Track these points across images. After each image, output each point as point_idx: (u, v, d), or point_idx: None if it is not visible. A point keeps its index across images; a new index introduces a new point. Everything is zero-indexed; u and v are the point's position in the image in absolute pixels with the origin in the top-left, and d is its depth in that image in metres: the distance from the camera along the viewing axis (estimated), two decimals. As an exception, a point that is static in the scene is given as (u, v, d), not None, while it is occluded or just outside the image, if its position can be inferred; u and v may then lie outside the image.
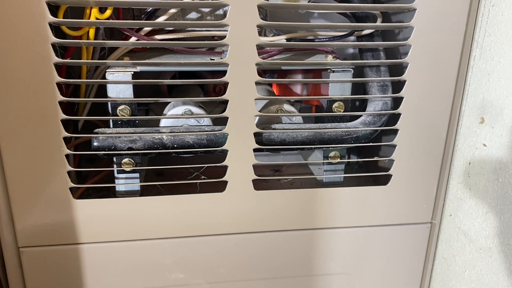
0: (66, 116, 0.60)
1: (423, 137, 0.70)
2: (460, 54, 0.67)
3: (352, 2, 0.69)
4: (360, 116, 0.72)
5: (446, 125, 0.70)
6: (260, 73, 0.88)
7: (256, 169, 0.67)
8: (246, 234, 0.72)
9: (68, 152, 0.62)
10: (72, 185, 0.63)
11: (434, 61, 0.66)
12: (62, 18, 0.59)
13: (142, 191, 0.71)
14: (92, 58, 0.66)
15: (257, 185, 0.68)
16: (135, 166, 0.68)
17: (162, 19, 0.66)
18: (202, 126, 0.68)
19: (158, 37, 0.67)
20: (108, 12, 0.61)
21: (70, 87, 0.68)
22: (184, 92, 0.82)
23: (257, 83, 0.63)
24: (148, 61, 0.65)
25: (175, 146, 0.65)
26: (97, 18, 0.61)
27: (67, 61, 0.59)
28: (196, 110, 0.69)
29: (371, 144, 0.71)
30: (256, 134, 0.66)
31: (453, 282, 0.75)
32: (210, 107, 0.77)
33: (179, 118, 0.68)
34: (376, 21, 0.71)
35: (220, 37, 0.67)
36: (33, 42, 0.56)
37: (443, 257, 0.77)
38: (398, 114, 0.69)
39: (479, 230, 0.68)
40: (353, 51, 0.88)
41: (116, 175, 0.69)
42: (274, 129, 0.68)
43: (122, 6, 0.63)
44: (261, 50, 0.68)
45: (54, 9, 0.58)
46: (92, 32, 0.63)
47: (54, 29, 0.58)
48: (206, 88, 0.87)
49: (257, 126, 0.67)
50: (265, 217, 0.71)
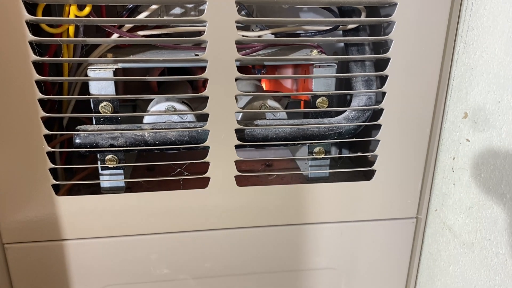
0: (46, 114, 0.60)
1: (407, 132, 0.70)
2: (443, 49, 0.66)
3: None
4: (344, 111, 0.71)
5: (430, 120, 0.70)
6: (249, 68, 0.88)
7: (245, 163, 0.67)
8: (230, 230, 0.72)
9: (49, 149, 0.62)
10: (54, 182, 0.64)
11: (417, 55, 0.66)
12: (42, 15, 0.59)
13: (132, 186, 0.72)
14: (74, 55, 0.66)
15: (243, 180, 0.68)
16: (119, 163, 0.68)
17: (143, 15, 0.66)
18: (185, 122, 0.68)
19: (141, 33, 0.67)
20: (87, 9, 0.61)
21: (55, 85, 0.68)
22: (172, 87, 0.82)
23: (238, 79, 0.63)
24: (128, 58, 0.65)
25: (157, 142, 0.65)
26: (76, 16, 0.61)
27: (45, 59, 0.59)
28: (179, 107, 0.69)
29: (354, 139, 0.71)
30: (237, 131, 0.66)
31: (438, 276, 0.75)
32: (195, 103, 0.77)
33: (163, 115, 0.69)
34: (361, 15, 0.70)
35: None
36: (10, 41, 0.56)
37: (429, 251, 0.77)
38: (381, 109, 0.68)
39: (463, 225, 0.68)
40: (342, 44, 0.88)
41: (100, 172, 0.70)
42: (256, 125, 0.68)
43: (100, 3, 0.63)
44: (244, 45, 0.68)
45: (32, 7, 0.58)
46: (72, 29, 0.63)
47: (34, 27, 0.58)
48: (195, 83, 0.87)
49: (240, 121, 0.67)
50: (248, 212, 0.71)
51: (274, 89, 0.92)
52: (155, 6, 0.66)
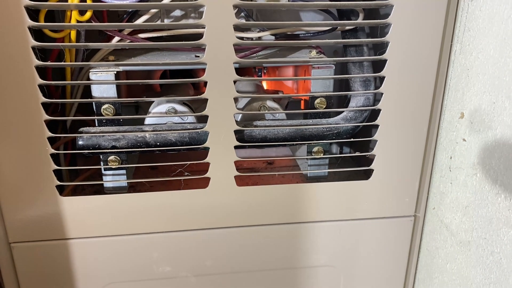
0: (50, 116, 0.62)
1: (405, 131, 0.71)
2: (439, 49, 0.67)
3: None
4: (342, 111, 0.72)
5: (427, 119, 0.71)
6: (249, 70, 0.89)
7: (248, 162, 0.68)
8: (231, 228, 0.73)
9: (53, 151, 0.64)
10: (58, 183, 0.65)
11: (413, 57, 0.66)
12: (44, 21, 0.61)
13: (135, 184, 0.74)
14: (76, 59, 0.67)
15: (245, 178, 0.70)
16: (121, 163, 0.70)
17: (143, 19, 0.67)
18: (185, 124, 0.70)
19: (141, 35, 0.68)
20: (88, 14, 0.62)
21: (59, 88, 0.69)
22: (173, 87, 0.83)
23: (237, 81, 0.64)
24: (130, 60, 0.67)
25: (158, 144, 0.67)
26: (77, 20, 0.62)
27: (48, 63, 0.60)
28: (179, 108, 0.70)
29: (352, 140, 0.72)
30: (236, 132, 0.67)
31: (436, 274, 0.76)
32: (196, 104, 0.78)
33: (164, 116, 0.70)
34: (359, 15, 0.71)
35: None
36: (13, 46, 0.57)
37: (427, 249, 0.78)
38: (379, 110, 0.69)
39: (459, 224, 0.69)
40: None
41: (103, 172, 0.71)
42: (254, 126, 0.69)
43: (101, 9, 0.64)
44: (242, 47, 0.69)
45: (34, 13, 0.59)
46: (73, 33, 0.64)
47: (36, 32, 0.59)
48: (197, 84, 0.88)
49: (240, 122, 0.68)
50: (248, 212, 0.72)
51: (275, 87, 0.93)
52: (155, 10, 0.67)
